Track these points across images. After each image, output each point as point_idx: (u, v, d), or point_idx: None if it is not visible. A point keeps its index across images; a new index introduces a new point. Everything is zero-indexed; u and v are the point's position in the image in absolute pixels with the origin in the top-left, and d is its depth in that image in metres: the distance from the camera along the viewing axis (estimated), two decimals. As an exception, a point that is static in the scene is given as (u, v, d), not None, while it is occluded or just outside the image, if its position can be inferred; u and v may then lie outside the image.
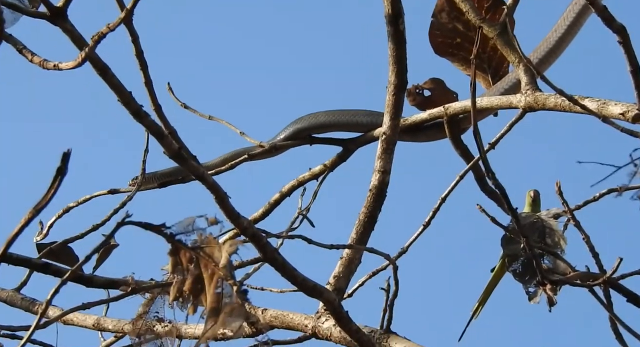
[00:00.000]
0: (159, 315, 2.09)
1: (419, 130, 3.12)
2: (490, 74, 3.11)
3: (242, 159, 3.21)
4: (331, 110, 3.24)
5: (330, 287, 2.44)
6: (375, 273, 2.97)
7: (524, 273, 2.63)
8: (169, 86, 3.26)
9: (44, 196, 1.89)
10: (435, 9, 3.07)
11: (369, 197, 2.49)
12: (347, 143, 3.20)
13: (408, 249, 2.96)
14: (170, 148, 2.05)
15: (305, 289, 2.16)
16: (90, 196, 3.18)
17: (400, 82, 2.50)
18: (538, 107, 2.81)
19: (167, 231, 2.05)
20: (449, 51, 3.10)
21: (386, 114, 2.52)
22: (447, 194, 2.99)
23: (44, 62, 1.97)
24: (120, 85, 2.02)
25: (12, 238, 1.85)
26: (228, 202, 2.11)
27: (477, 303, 2.88)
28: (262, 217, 3.20)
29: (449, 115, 3.02)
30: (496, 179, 2.25)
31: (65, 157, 1.90)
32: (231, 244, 2.05)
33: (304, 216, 3.11)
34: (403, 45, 2.47)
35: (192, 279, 2.03)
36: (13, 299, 2.53)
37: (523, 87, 2.84)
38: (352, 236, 2.48)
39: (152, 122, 2.05)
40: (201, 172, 2.08)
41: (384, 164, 2.49)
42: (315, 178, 3.20)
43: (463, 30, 3.08)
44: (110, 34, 1.99)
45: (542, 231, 2.69)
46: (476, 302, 2.88)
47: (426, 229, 2.99)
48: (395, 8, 2.44)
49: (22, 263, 2.18)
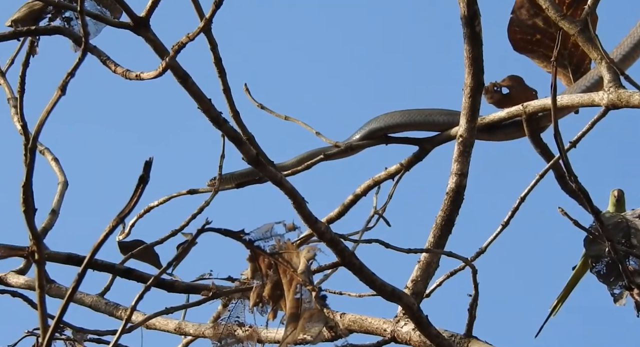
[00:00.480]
0: (239, 319, 2.12)
1: (497, 128, 3.09)
2: (572, 71, 3.06)
3: (318, 159, 3.22)
4: (407, 109, 3.22)
5: (408, 291, 2.43)
6: (453, 273, 2.95)
7: (609, 274, 2.58)
8: (246, 87, 3.28)
9: (127, 204, 1.92)
10: (514, 6, 3.03)
11: (445, 200, 2.47)
12: (423, 142, 3.18)
13: (486, 250, 2.94)
14: (249, 154, 2.07)
15: (383, 293, 2.16)
16: (170, 196, 3.22)
17: (476, 83, 2.47)
18: (621, 105, 2.76)
19: (246, 237, 2.07)
20: (528, 48, 3.06)
21: (462, 116, 2.50)
22: (526, 193, 2.96)
23: (126, 73, 2.01)
24: (200, 93, 2.04)
25: (98, 246, 1.89)
26: (306, 207, 2.12)
27: (557, 300, 2.84)
28: (337, 217, 3.21)
29: (527, 113, 2.98)
30: (578, 182, 2.22)
31: (147, 166, 1.93)
32: (309, 250, 2.07)
33: (380, 215, 3.11)
34: (479, 46, 2.45)
35: (272, 284, 2.05)
36: (97, 304, 2.58)
37: (606, 84, 2.79)
38: (429, 239, 2.47)
39: (231, 128, 2.07)
40: (279, 177, 2.10)
41: (460, 167, 2.47)
42: (391, 178, 3.18)
43: (543, 27, 3.03)
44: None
45: (627, 231, 2.64)
46: (555, 300, 2.84)
47: (505, 228, 2.96)
48: (471, 9, 2.42)
49: (106, 269, 2.22)
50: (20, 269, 2.72)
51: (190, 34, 1.98)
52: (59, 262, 2.45)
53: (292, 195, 2.10)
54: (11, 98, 2.73)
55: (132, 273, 2.21)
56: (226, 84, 2.15)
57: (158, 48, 2.01)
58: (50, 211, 2.74)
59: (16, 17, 2.39)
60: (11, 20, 2.40)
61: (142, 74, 2.00)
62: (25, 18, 2.37)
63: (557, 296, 2.85)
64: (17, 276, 2.69)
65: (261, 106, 3.28)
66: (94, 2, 2.31)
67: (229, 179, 3.25)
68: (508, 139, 3.12)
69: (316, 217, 2.12)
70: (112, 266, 2.21)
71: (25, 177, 1.89)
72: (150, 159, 1.94)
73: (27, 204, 1.89)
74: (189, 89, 2.03)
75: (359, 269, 2.13)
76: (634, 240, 2.62)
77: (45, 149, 2.85)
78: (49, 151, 2.84)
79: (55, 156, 2.83)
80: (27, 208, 1.89)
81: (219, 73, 2.14)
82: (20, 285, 2.67)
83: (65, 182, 2.76)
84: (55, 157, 2.82)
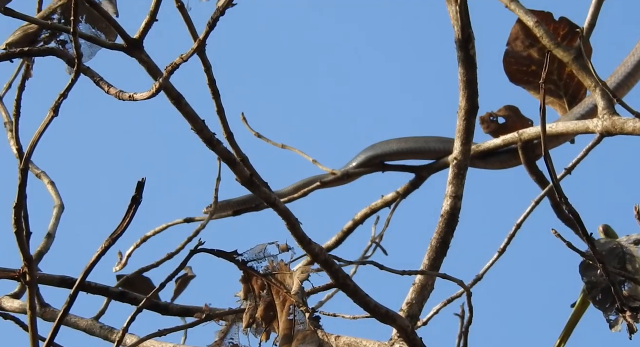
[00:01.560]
0: (233, 341, 2.11)
1: (492, 156, 3.10)
2: (567, 102, 3.08)
3: (314, 187, 3.23)
4: (403, 137, 3.24)
5: (403, 313, 2.42)
6: (450, 301, 2.94)
7: (604, 301, 2.57)
8: (242, 116, 3.30)
9: (120, 225, 1.92)
10: (509, 38, 3.06)
11: (440, 222, 2.47)
12: (419, 170, 3.19)
13: (483, 276, 2.93)
14: (242, 175, 2.08)
15: (377, 315, 2.16)
16: (166, 225, 3.22)
17: (470, 106, 2.49)
18: (616, 132, 2.77)
19: (239, 258, 2.07)
20: (524, 79, 3.08)
21: (457, 139, 2.51)
22: (522, 220, 2.96)
23: (119, 93, 2.02)
24: (193, 114, 2.05)
25: (90, 267, 1.89)
26: (299, 228, 2.12)
27: (559, 340, 2.82)
28: (335, 245, 3.21)
29: (523, 140, 2.99)
30: (569, 204, 2.22)
31: (139, 186, 1.93)
32: (302, 271, 2.06)
33: (377, 244, 3.11)
34: (473, 69, 2.47)
35: (265, 305, 2.04)
36: (92, 327, 2.57)
37: (600, 111, 2.80)
38: (424, 261, 2.47)
39: (224, 149, 2.07)
40: (273, 198, 2.10)
41: (455, 189, 2.47)
42: (387, 205, 3.19)
43: (538, 58, 3.06)
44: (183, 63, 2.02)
45: (622, 257, 2.64)
46: (557, 339, 2.82)
47: (501, 255, 2.96)
48: (465, 33, 2.44)
49: (100, 292, 2.21)
50: (14, 293, 2.71)
51: (184, 55, 2.00)
52: (52, 285, 2.45)
53: (285, 216, 2.10)
54: (7, 122, 2.74)
55: (126, 295, 2.21)
56: (220, 105, 2.16)
57: (151, 69, 2.03)
58: (45, 234, 2.74)
59: (10, 40, 2.41)
60: (5, 44, 2.42)
61: (135, 94, 2.01)
62: (19, 41, 2.39)
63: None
64: (11, 300, 2.69)
65: (258, 135, 3.30)
66: (88, 25, 2.34)
67: (225, 207, 3.26)
68: (504, 167, 3.13)
69: (310, 238, 2.12)
70: (106, 289, 2.21)
71: (17, 198, 1.90)
72: (143, 180, 1.94)
73: (19, 225, 1.89)
74: (182, 109, 2.04)
75: (353, 291, 2.13)
76: (629, 266, 2.61)
77: (41, 173, 2.85)
78: (45, 174, 2.85)
79: (51, 180, 2.83)
80: (19, 229, 1.90)
81: (212, 94, 2.16)
82: (15, 309, 2.66)
83: (61, 205, 2.77)
84: (52, 181, 2.83)
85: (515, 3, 2.91)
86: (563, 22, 3.01)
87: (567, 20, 3.01)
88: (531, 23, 2.89)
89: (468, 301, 2.39)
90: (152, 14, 2.03)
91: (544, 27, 2.89)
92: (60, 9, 2.47)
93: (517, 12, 2.91)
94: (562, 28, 3.00)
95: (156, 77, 2.03)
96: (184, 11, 2.08)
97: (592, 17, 2.94)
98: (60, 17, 2.46)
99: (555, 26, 3.00)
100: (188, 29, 2.09)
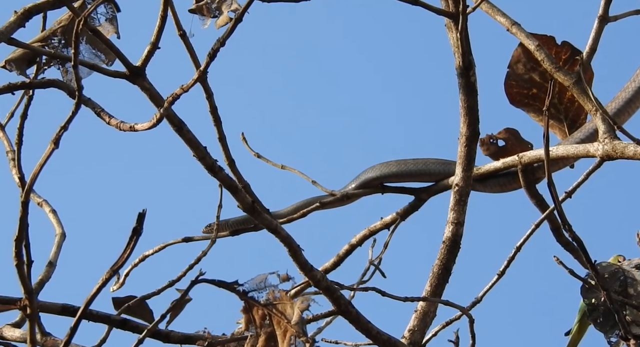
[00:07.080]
0: (234, 371, 2.10)
1: (492, 179, 3.10)
2: (567, 126, 3.08)
3: (314, 207, 3.22)
4: (403, 159, 3.23)
5: (405, 341, 2.41)
6: (449, 323, 2.93)
7: (605, 323, 2.57)
8: (242, 136, 3.29)
9: (121, 256, 1.92)
10: (511, 60, 3.06)
11: (442, 249, 2.46)
12: (419, 192, 3.19)
13: (482, 299, 2.92)
14: (244, 202, 2.07)
15: (379, 342, 2.15)
16: (165, 244, 3.21)
17: (472, 133, 2.48)
18: (616, 156, 2.77)
19: (240, 288, 2.06)
20: (524, 102, 3.08)
21: (458, 166, 2.50)
22: (522, 243, 2.95)
23: (120, 124, 2.01)
24: (195, 141, 2.05)
25: (91, 298, 1.88)
26: (301, 255, 2.11)
27: None
28: (333, 268, 3.20)
29: (523, 163, 2.98)
30: (573, 231, 2.21)
31: (140, 218, 1.92)
32: (303, 301, 2.06)
33: (376, 266, 3.10)
34: (474, 96, 2.46)
35: (266, 336, 2.03)
36: (94, 356, 2.54)
37: (601, 135, 2.80)
38: (426, 288, 2.46)
39: (226, 176, 2.07)
40: (274, 225, 2.10)
41: (457, 216, 2.47)
42: (386, 227, 3.18)
43: (539, 81, 3.06)
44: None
45: (624, 281, 2.63)
46: None
47: (501, 278, 2.95)
48: (465, 60, 2.44)
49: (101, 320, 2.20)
50: (16, 322, 2.69)
51: (185, 86, 1.99)
52: (54, 313, 2.43)
53: (287, 242, 2.09)
54: (9, 151, 2.72)
55: (127, 324, 2.20)
56: (222, 132, 2.16)
57: (154, 96, 2.03)
58: (47, 262, 2.72)
59: (10, 57, 2.39)
60: (5, 61, 2.40)
61: (136, 125, 2.01)
62: (19, 59, 2.37)
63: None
64: (12, 329, 2.67)
65: (258, 155, 3.29)
66: (88, 46, 2.33)
67: (224, 226, 3.24)
68: (503, 190, 3.12)
69: (312, 265, 2.12)
70: (108, 317, 2.19)
71: (18, 231, 1.89)
72: (144, 211, 1.94)
73: (20, 258, 1.88)
74: (184, 136, 2.04)
75: (356, 318, 2.12)
76: (631, 289, 2.61)
77: (43, 201, 2.84)
78: (47, 203, 2.83)
79: (53, 208, 2.81)
80: (19, 262, 1.89)
81: (214, 121, 2.15)
82: (16, 339, 2.64)
83: (63, 233, 2.75)
84: (53, 209, 2.81)
85: (516, 27, 2.91)
86: (565, 46, 3.01)
87: (569, 44, 3.01)
88: (532, 47, 2.89)
89: (470, 328, 2.38)
90: (154, 43, 2.02)
91: (545, 51, 2.89)
92: (60, 30, 2.46)
93: (518, 36, 2.91)
94: (564, 52, 3.01)
95: (158, 104, 2.02)
96: (186, 39, 2.07)
97: (594, 42, 2.94)
98: (61, 38, 2.45)
99: (558, 50, 3.00)
100: (190, 58, 2.08)
